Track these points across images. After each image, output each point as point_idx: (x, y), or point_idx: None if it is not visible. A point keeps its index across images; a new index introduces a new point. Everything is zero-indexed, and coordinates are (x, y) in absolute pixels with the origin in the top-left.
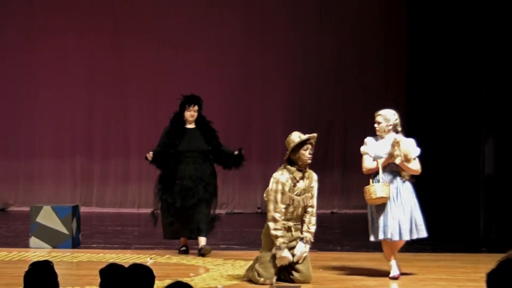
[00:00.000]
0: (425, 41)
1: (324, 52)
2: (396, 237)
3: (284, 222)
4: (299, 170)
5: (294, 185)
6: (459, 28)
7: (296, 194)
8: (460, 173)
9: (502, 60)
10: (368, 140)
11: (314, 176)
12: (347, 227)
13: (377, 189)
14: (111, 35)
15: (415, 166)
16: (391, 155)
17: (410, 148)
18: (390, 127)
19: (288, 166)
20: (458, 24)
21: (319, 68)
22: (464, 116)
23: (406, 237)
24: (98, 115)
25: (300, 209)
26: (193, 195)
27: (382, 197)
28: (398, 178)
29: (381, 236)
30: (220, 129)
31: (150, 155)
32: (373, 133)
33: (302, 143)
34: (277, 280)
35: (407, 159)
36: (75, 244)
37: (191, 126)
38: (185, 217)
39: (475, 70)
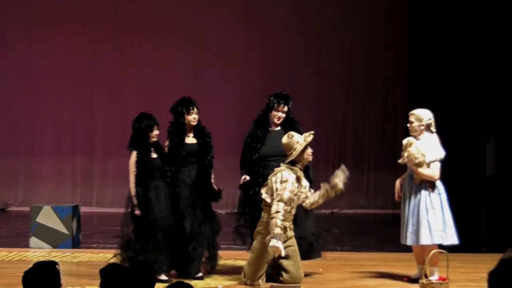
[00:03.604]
0: (426, 42)
1: (324, 53)
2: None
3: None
4: (300, 169)
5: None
6: (460, 27)
7: (295, 195)
8: (461, 173)
9: (503, 60)
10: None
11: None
12: (347, 227)
13: None
14: (111, 35)
15: (427, 171)
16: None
17: (424, 151)
18: (423, 127)
19: (292, 167)
20: (459, 23)
21: (319, 68)
22: (465, 116)
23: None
24: (98, 115)
25: (294, 209)
26: None
27: None
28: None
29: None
30: (219, 129)
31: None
32: (372, 134)
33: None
34: (267, 280)
35: (413, 163)
36: (75, 244)
37: (276, 128)
38: None
39: (476, 70)
